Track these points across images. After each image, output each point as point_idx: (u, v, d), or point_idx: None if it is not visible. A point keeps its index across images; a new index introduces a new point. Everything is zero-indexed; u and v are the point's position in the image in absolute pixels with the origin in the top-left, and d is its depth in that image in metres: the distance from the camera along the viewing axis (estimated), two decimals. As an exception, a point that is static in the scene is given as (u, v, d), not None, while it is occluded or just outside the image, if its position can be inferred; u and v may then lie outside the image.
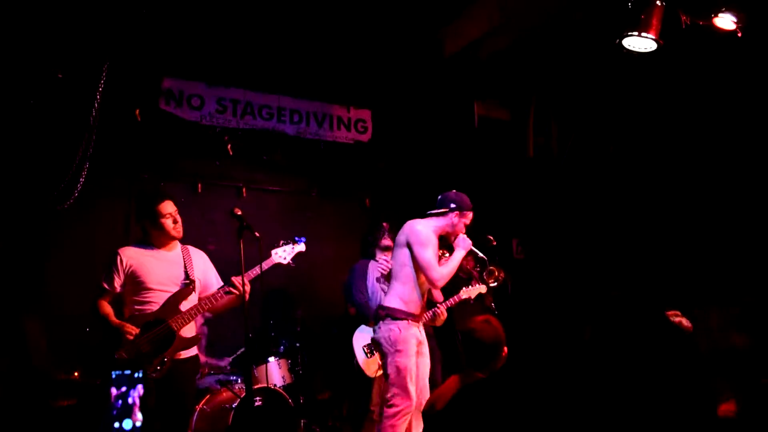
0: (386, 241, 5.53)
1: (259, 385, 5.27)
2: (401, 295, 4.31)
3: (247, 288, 4.08)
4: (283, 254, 4.36)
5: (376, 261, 5.56)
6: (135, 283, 4.04)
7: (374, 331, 4.37)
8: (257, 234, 3.92)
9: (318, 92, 7.04)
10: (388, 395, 4.20)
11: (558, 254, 7.16)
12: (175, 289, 4.08)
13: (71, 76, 5.22)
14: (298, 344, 5.86)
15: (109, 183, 5.91)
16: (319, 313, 6.60)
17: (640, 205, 6.57)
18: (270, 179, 6.88)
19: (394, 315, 4.26)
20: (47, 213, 5.42)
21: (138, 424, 3.23)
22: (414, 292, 4.31)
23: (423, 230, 4.32)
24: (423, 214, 4.51)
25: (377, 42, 6.60)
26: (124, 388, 4.33)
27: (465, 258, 6.20)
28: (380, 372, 5.14)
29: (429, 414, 2.94)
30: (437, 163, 7.36)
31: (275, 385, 5.38)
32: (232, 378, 5.30)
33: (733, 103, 5.76)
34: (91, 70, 5.31)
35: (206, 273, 4.29)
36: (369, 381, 5.18)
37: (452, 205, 4.41)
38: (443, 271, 4.26)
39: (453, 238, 4.44)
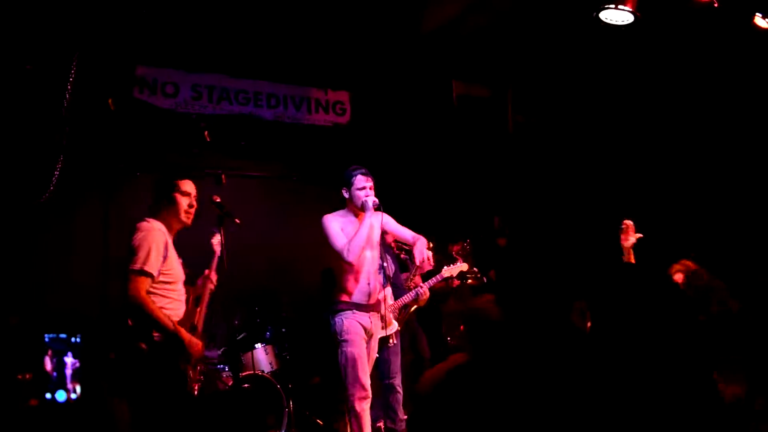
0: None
1: (247, 372, 5.26)
2: (342, 288, 4.41)
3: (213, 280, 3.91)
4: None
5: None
6: (165, 275, 3.48)
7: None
8: (237, 221, 3.87)
9: (295, 75, 6.96)
10: (347, 385, 4.27)
11: (540, 229, 7.18)
12: (182, 284, 3.67)
13: (41, 66, 5.11)
14: (284, 330, 5.85)
15: (85, 175, 5.83)
16: (303, 298, 6.57)
17: (621, 179, 6.60)
18: (249, 165, 6.81)
19: (337, 308, 4.38)
20: (25, 207, 5.34)
21: (73, 396, 3.04)
22: (352, 283, 4.39)
23: (325, 222, 4.39)
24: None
25: (353, 23, 6.52)
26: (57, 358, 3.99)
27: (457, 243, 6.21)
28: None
29: (421, 396, 2.91)
30: (418, 142, 7.33)
31: (263, 372, 5.37)
32: (218, 366, 5.28)
33: (713, 74, 5.77)
34: (62, 60, 5.20)
35: None
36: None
37: (341, 186, 4.49)
38: (353, 243, 4.24)
39: (361, 207, 4.42)
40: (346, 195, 4.46)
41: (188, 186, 3.67)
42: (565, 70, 6.95)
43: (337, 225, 4.36)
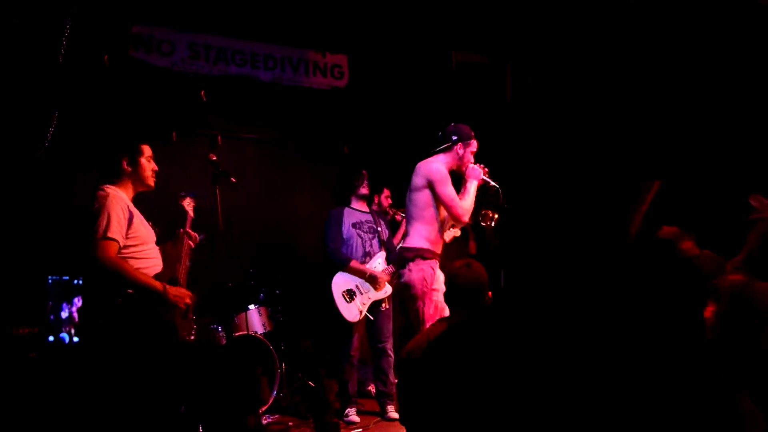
0: (364, 190, 5.50)
1: (240, 333, 5.31)
2: (427, 236, 4.33)
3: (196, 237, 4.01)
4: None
5: (351, 208, 5.53)
6: (132, 238, 3.51)
7: (401, 275, 4.37)
8: (233, 179, 3.86)
9: (293, 37, 6.89)
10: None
11: (536, 197, 7.19)
12: (153, 243, 3.69)
13: (36, 22, 5.04)
14: (278, 292, 5.88)
15: (79, 132, 5.79)
16: (298, 261, 6.60)
17: (617, 148, 6.58)
18: (246, 127, 6.78)
19: (424, 255, 4.28)
20: (20, 163, 5.32)
21: (75, 339, 3.08)
22: (438, 233, 4.37)
23: (440, 168, 4.34)
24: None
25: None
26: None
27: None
28: (360, 317, 5.19)
29: (406, 361, 2.94)
30: (415, 108, 7.30)
31: (256, 333, 5.42)
32: (212, 327, 5.33)
33: (717, 43, 5.72)
34: (57, 16, 5.14)
35: None
36: (349, 327, 5.22)
37: (454, 138, 4.45)
38: (465, 204, 4.28)
39: (464, 170, 4.45)
40: (460, 151, 4.44)
41: (149, 150, 3.70)
42: (566, 39, 6.89)
43: (451, 184, 4.33)
